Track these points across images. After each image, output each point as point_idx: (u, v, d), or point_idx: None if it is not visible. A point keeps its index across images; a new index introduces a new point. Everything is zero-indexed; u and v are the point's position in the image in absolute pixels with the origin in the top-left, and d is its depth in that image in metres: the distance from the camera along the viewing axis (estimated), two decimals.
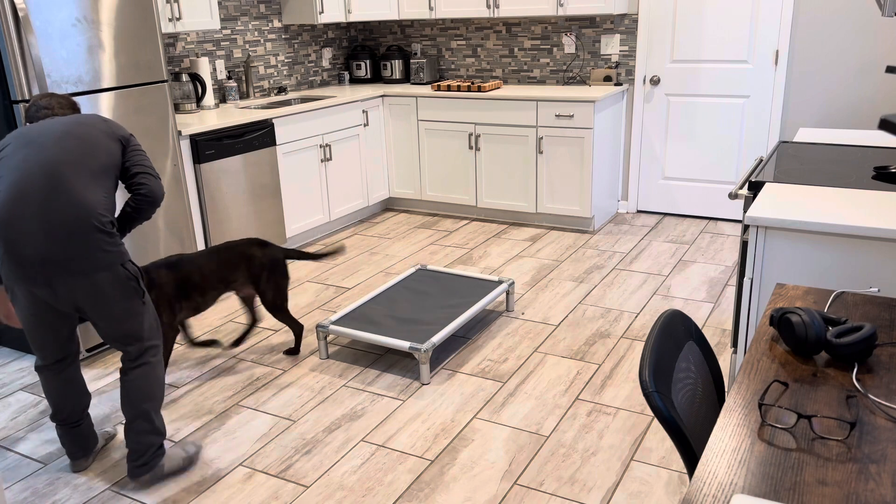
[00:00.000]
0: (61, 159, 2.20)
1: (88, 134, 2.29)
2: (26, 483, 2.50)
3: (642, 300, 3.80)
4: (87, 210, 2.19)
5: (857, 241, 1.99)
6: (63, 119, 2.32)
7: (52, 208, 2.15)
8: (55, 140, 2.24)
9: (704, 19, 4.73)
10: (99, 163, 2.27)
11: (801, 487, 1.08)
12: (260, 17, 5.03)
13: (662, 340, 1.48)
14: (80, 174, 2.21)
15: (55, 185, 2.17)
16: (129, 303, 2.31)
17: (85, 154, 2.25)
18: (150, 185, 2.35)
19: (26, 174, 2.17)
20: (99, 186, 2.25)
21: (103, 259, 2.22)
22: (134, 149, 2.38)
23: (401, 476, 2.46)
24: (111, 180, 2.31)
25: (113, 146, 2.33)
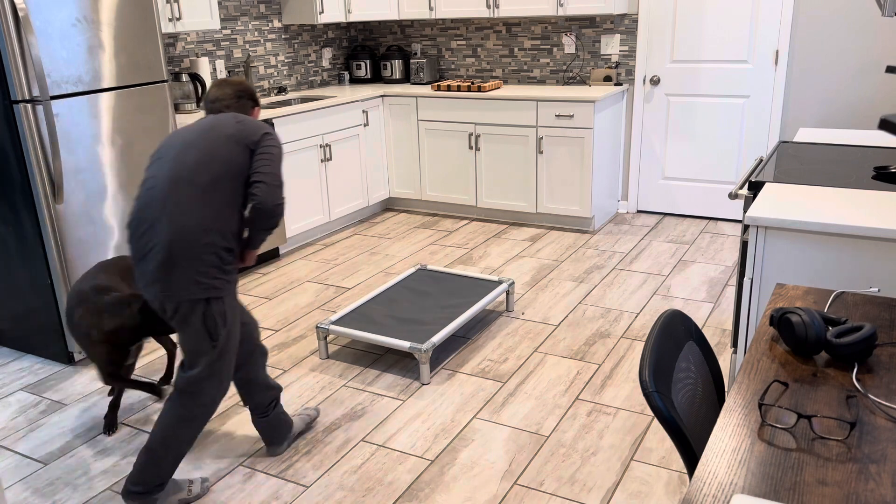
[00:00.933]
0: (175, 176, 2.12)
1: (210, 145, 2.15)
2: (26, 483, 2.50)
3: (642, 300, 3.80)
4: (188, 233, 2.08)
5: (857, 241, 1.99)
6: (199, 124, 2.23)
7: (157, 227, 2.10)
8: (175, 154, 2.16)
9: (704, 19, 4.73)
10: (214, 179, 2.12)
11: (801, 487, 1.08)
12: (260, 17, 5.03)
13: (662, 340, 1.48)
14: (188, 191, 2.11)
15: (165, 203, 2.10)
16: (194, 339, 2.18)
17: (201, 166, 2.12)
18: (259, 194, 2.13)
19: (147, 192, 2.15)
20: (209, 204, 2.11)
21: (188, 289, 2.11)
22: (260, 153, 2.19)
23: (401, 476, 2.46)
24: (225, 196, 2.14)
25: (236, 153, 2.16)
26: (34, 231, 3.12)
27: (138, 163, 3.41)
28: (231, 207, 2.15)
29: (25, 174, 3.04)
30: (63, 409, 2.95)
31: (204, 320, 2.15)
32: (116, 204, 3.33)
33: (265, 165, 2.17)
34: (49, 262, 3.15)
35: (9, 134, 3.00)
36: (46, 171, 3.04)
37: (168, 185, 2.11)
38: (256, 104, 2.45)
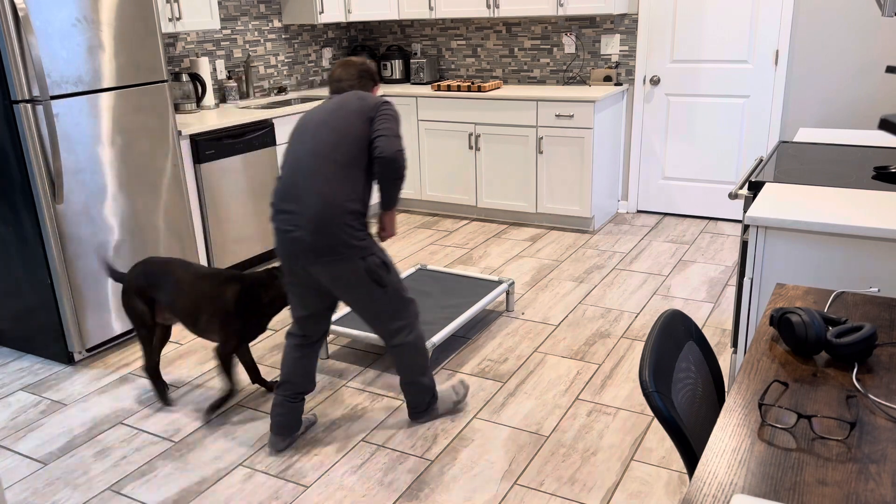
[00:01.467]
0: (317, 151, 2.37)
1: (340, 123, 2.39)
2: (26, 483, 2.50)
3: (642, 300, 3.80)
4: (333, 204, 2.33)
5: (857, 241, 1.99)
6: (327, 105, 2.47)
7: (305, 202, 2.34)
8: (313, 133, 2.41)
9: (704, 19, 4.73)
10: (347, 151, 2.36)
11: (801, 487, 1.08)
12: (260, 17, 5.03)
13: (662, 340, 1.48)
14: (330, 166, 2.35)
15: (309, 179, 2.35)
16: (366, 292, 2.44)
17: (336, 144, 2.37)
18: (381, 145, 2.35)
19: (291, 168, 2.40)
20: (347, 178, 2.36)
21: (346, 251, 2.35)
22: (379, 117, 2.41)
23: (401, 476, 2.46)
24: (359, 168, 2.38)
25: (362, 127, 2.39)
26: (34, 231, 3.12)
27: (138, 163, 3.41)
28: (366, 178, 2.41)
29: (25, 174, 3.04)
30: (63, 409, 2.95)
31: (367, 274, 2.41)
32: (116, 204, 3.33)
33: (382, 123, 2.40)
34: (49, 262, 3.15)
35: (9, 134, 3.00)
36: (46, 171, 3.04)
37: (311, 162, 2.36)
38: (376, 83, 2.67)
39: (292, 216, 2.36)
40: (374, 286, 2.44)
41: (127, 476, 2.51)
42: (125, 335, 3.52)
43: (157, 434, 2.75)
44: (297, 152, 2.41)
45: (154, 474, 2.52)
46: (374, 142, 2.37)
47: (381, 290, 2.46)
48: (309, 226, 2.33)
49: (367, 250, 2.40)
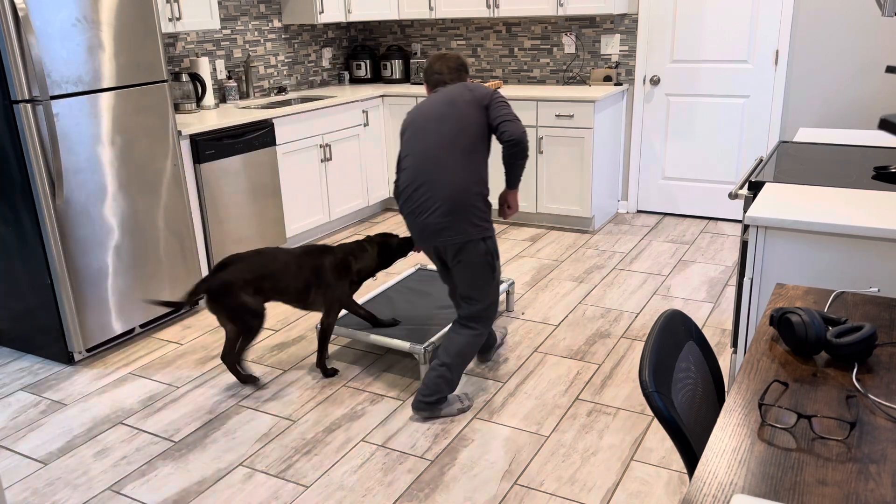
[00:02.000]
0: (440, 143, 2.61)
1: (457, 113, 2.63)
2: (26, 483, 2.50)
3: (642, 300, 3.80)
4: (463, 188, 2.59)
5: (857, 241, 1.99)
6: (437, 99, 2.70)
7: (437, 188, 2.59)
8: (434, 126, 2.65)
9: (704, 19, 4.73)
10: (468, 138, 2.62)
11: (801, 487, 1.08)
12: (260, 17, 5.03)
13: (662, 340, 1.48)
14: (455, 155, 2.61)
15: (439, 168, 2.60)
16: (479, 273, 2.68)
17: (457, 133, 2.61)
18: (509, 129, 2.59)
19: (418, 159, 2.64)
20: (471, 163, 2.62)
21: (469, 231, 2.61)
22: (494, 105, 2.65)
23: (401, 476, 2.46)
24: (481, 153, 2.65)
25: (478, 115, 2.64)
26: (34, 231, 3.12)
27: (138, 163, 3.41)
28: (484, 158, 2.67)
29: (25, 174, 3.04)
30: (63, 409, 2.95)
31: (485, 255, 2.66)
32: (116, 203, 3.33)
33: (501, 110, 2.64)
34: (49, 262, 3.15)
35: (9, 134, 3.00)
36: (46, 170, 3.04)
37: (438, 152, 2.61)
38: (468, 74, 2.89)
39: (425, 202, 2.62)
40: (487, 268, 2.68)
41: (127, 476, 2.51)
42: (125, 335, 3.52)
43: (157, 434, 2.75)
44: (421, 144, 2.65)
45: (154, 474, 2.52)
46: (500, 127, 2.61)
47: (490, 274, 2.70)
48: (442, 209, 2.59)
49: (489, 232, 2.67)
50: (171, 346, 3.47)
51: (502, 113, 2.63)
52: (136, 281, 3.46)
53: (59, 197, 3.08)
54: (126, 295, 3.43)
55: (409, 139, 2.70)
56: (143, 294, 3.50)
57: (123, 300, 3.42)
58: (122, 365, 3.30)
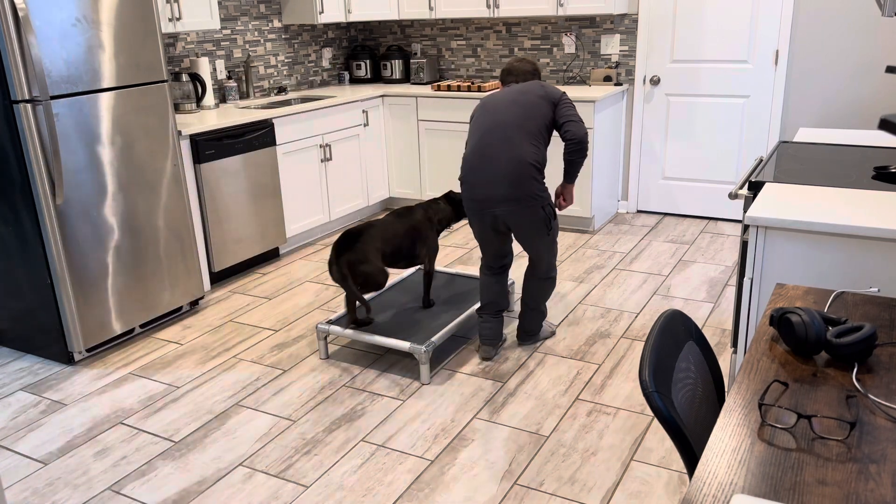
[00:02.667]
0: (508, 122, 2.94)
1: (528, 102, 2.98)
2: (26, 483, 2.50)
3: (642, 300, 3.80)
4: (524, 161, 2.91)
5: (857, 241, 1.99)
6: (511, 89, 3.05)
7: (500, 159, 2.92)
8: (504, 108, 2.98)
9: (704, 19, 4.73)
10: (535, 124, 2.95)
11: (801, 487, 1.08)
12: (260, 17, 5.03)
13: (662, 340, 1.48)
14: (521, 134, 2.93)
15: (504, 143, 2.92)
16: (540, 234, 3.04)
17: (525, 118, 2.95)
18: (572, 130, 2.95)
19: (487, 134, 2.97)
20: (532, 143, 2.94)
21: (530, 199, 2.94)
22: (562, 105, 2.99)
23: (401, 476, 2.46)
24: (542, 137, 2.98)
25: (546, 108, 2.98)
26: (34, 231, 3.12)
27: (138, 163, 3.41)
28: (544, 145, 3.00)
29: (25, 174, 3.04)
30: (63, 409, 2.95)
31: (544, 218, 3.01)
32: (116, 203, 3.33)
33: (569, 111, 2.99)
34: (49, 262, 3.15)
35: (9, 134, 3.00)
36: (46, 170, 3.04)
37: (503, 131, 2.94)
38: (539, 79, 3.22)
39: (487, 173, 2.93)
40: (545, 230, 3.04)
41: (127, 476, 2.51)
42: (125, 335, 3.52)
43: (157, 434, 2.75)
44: (488, 124, 2.97)
45: (154, 474, 2.52)
46: (564, 126, 2.96)
47: (548, 235, 3.06)
48: (504, 180, 2.90)
49: (546, 200, 2.99)
50: (171, 346, 3.47)
51: (569, 113, 2.97)
52: (136, 281, 3.46)
53: (59, 197, 3.08)
54: (126, 295, 3.43)
55: (477, 118, 3.04)
56: (143, 294, 3.50)
57: (123, 300, 3.42)
58: (122, 365, 3.30)
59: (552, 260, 3.18)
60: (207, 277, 4.06)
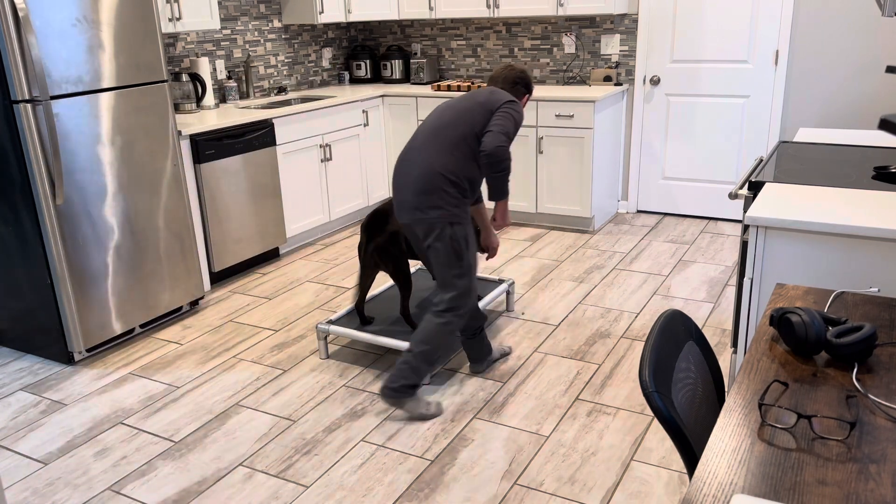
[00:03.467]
0: (433, 128, 2.67)
1: (464, 108, 2.67)
2: (26, 483, 2.50)
3: (642, 300, 3.80)
4: (433, 170, 2.60)
5: (857, 241, 1.99)
6: (463, 94, 2.83)
7: (414, 165, 2.64)
8: (441, 113, 2.71)
9: (704, 19, 4.73)
10: (458, 133, 2.62)
11: (801, 487, 1.08)
12: (260, 17, 5.03)
13: (662, 340, 1.48)
14: (439, 141, 2.63)
15: (422, 149, 2.65)
16: (445, 257, 2.66)
17: (451, 125, 2.64)
18: (485, 140, 2.58)
19: (414, 138, 2.73)
20: (452, 153, 2.61)
21: (433, 210, 2.61)
22: (498, 114, 2.64)
23: (401, 476, 2.46)
24: (466, 147, 2.63)
25: (479, 116, 2.64)
26: (34, 231, 3.12)
27: (138, 163, 3.41)
28: (471, 160, 2.65)
29: (25, 174, 3.04)
30: (63, 409, 2.95)
31: (451, 241, 2.63)
32: (116, 204, 3.33)
33: (499, 120, 2.62)
34: (49, 262, 3.15)
35: (9, 134, 3.00)
36: (46, 170, 3.04)
37: (427, 136, 2.66)
38: (529, 92, 2.91)
39: (402, 178, 2.67)
40: (452, 254, 2.65)
41: (127, 476, 2.51)
42: (125, 335, 3.52)
43: (157, 434, 2.75)
44: (422, 127, 2.73)
45: (154, 474, 2.52)
46: (482, 135, 2.62)
47: (456, 261, 2.67)
48: (412, 187, 2.63)
49: (457, 219, 2.64)
50: (171, 346, 3.47)
51: (495, 123, 2.61)
52: (136, 281, 3.46)
53: (59, 197, 3.08)
54: (126, 295, 3.43)
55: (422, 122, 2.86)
56: (143, 294, 3.50)
57: (123, 300, 3.42)
58: (122, 365, 3.30)
59: (455, 300, 2.69)
60: (207, 277, 4.06)
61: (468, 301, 2.73)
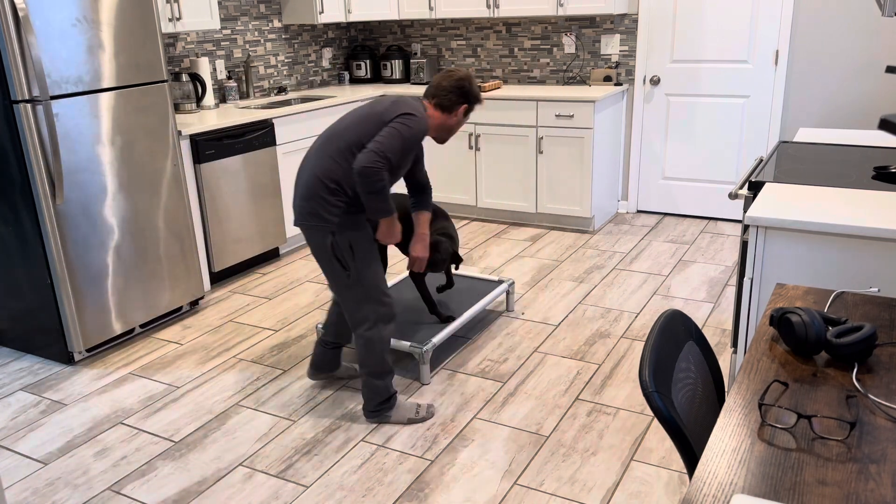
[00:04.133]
0: (328, 134, 2.60)
1: (360, 116, 2.57)
2: (26, 483, 2.50)
3: (642, 300, 3.80)
4: (315, 176, 2.53)
5: (857, 241, 1.99)
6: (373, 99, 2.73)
7: (304, 170, 2.59)
8: (341, 118, 2.64)
9: (704, 19, 4.73)
10: (346, 141, 2.53)
11: (801, 487, 1.08)
12: (260, 17, 5.03)
13: (662, 340, 1.48)
14: (327, 147, 2.56)
15: (312, 155, 2.59)
16: (328, 267, 2.60)
17: (343, 133, 2.55)
18: (359, 156, 2.44)
19: (313, 143, 2.68)
20: (335, 160, 2.52)
21: (313, 218, 2.55)
22: (387, 128, 2.49)
23: (401, 476, 2.46)
24: (353, 157, 2.52)
25: (371, 128, 2.51)
26: (34, 231, 3.12)
27: (138, 163, 3.41)
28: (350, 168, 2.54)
29: (25, 174, 3.04)
30: (63, 409, 2.95)
31: (331, 250, 2.55)
32: (116, 204, 3.33)
33: (380, 136, 2.47)
34: (49, 262, 3.15)
35: (9, 134, 3.00)
36: (46, 171, 3.04)
37: (321, 141, 2.59)
38: (468, 103, 2.68)
39: (296, 181, 2.63)
40: (335, 263, 2.57)
41: (127, 476, 2.51)
42: (125, 335, 3.52)
43: (157, 434, 2.75)
44: (323, 131, 2.69)
45: (154, 474, 2.52)
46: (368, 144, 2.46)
47: (343, 272, 2.58)
48: (300, 191, 2.58)
49: (340, 227, 2.53)
50: (171, 346, 3.47)
51: (377, 139, 2.45)
52: (136, 281, 3.46)
53: (59, 197, 3.08)
54: (126, 295, 3.43)
55: None
56: (143, 294, 3.50)
57: (123, 300, 3.42)
58: (122, 365, 3.30)
59: (358, 313, 2.61)
60: (207, 277, 4.06)
61: (376, 308, 2.62)
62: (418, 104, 2.60)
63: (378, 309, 2.62)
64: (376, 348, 2.65)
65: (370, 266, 2.60)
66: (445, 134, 2.71)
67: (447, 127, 2.69)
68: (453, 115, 2.66)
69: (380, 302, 2.62)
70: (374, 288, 2.61)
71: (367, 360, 2.66)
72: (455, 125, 2.70)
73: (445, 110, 2.65)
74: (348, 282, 2.58)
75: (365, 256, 2.59)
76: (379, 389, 2.70)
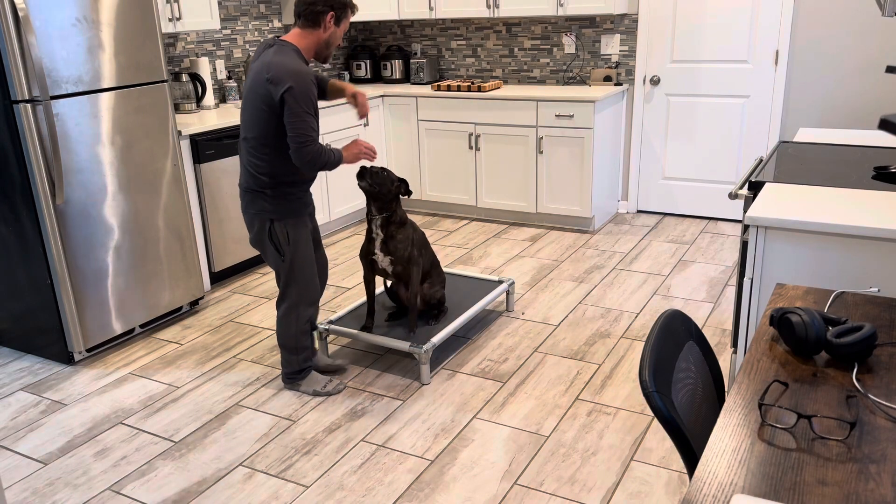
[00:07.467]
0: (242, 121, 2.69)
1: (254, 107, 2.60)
2: (26, 483, 2.50)
3: (642, 300, 3.80)
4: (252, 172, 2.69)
5: (857, 241, 1.99)
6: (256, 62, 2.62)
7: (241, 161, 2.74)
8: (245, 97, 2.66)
9: (704, 19, 4.73)
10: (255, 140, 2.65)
11: (801, 487, 1.08)
12: (260, 17, 5.03)
13: (662, 340, 1.48)
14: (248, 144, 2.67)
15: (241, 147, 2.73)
16: (267, 251, 2.79)
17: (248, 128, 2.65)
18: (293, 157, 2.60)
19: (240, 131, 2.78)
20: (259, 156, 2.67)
21: (257, 210, 2.72)
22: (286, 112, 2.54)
23: (401, 476, 2.46)
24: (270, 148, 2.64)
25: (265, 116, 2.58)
26: (34, 231, 3.12)
27: (138, 163, 3.41)
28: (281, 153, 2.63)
29: (25, 174, 3.04)
30: (63, 409, 2.95)
31: (270, 237, 2.73)
32: (116, 204, 3.33)
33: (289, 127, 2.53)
34: (49, 262, 3.15)
35: (9, 134, 3.00)
36: (46, 170, 3.04)
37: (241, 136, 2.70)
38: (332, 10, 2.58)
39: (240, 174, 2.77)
40: (273, 249, 2.76)
41: (127, 476, 2.51)
42: (125, 335, 3.52)
43: (157, 434, 2.75)
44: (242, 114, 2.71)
45: (154, 474, 2.52)
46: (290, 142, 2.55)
47: (278, 257, 2.77)
48: (240, 181, 2.74)
49: (278, 216, 2.71)
50: (171, 346, 3.47)
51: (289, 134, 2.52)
52: (136, 281, 3.46)
53: (59, 197, 3.08)
54: (126, 295, 3.43)
55: None
56: (143, 294, 3.50)
57: (123, 300, 3.42)
58: (122, 365, 3.30)
59: (287, 289, 2.82)
60: (207, 277, 4.06)
61: (299, 296, 2.83)
62: (285, 55, 2.53)
63: (301, 291, 2.83)
64: (292, 326, 2.86)
65: (300, 251, 2.79)
66: (325, 50, 2.65)
67: (323, 43, 2.62)
68: (322, 27, 2.59)
69: (305, 285, 2.83)
70: (302, 271, 2.81)
71: (283, 334, 2.88)
72: (330, 37, 2.63)
73: (313, 24, 2.58)
74: (282, 265, 2.79)
75: (297, 242, 2.77)
76: (291, 362, 2.94)
